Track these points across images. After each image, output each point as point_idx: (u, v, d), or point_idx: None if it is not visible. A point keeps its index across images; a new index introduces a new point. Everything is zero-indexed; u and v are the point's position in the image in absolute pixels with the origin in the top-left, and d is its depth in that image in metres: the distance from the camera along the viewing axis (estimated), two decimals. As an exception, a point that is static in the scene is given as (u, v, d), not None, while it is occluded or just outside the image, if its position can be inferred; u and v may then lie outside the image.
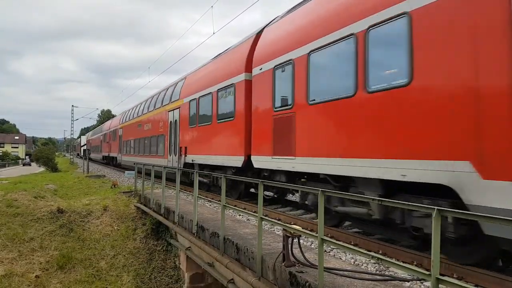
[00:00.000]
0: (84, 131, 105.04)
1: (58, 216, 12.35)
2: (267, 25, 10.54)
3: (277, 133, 8.64)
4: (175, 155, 15.89)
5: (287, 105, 8.35)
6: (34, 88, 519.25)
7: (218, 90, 12.17)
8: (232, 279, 6.60)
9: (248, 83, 10.29)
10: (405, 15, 5.40)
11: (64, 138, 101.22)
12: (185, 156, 14.71)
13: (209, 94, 12.88)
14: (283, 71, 8.57)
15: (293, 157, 7.96)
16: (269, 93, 9.08)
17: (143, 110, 22.91)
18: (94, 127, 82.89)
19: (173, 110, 16.78)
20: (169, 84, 19.93)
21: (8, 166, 75.66)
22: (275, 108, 8.78)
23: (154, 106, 20.25)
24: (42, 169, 48.02)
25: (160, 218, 11.00)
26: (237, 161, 10.62)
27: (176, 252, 10.55)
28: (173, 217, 9.83)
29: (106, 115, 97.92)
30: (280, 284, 4.93)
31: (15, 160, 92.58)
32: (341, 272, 4.60)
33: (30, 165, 73.89)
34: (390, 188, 5.89)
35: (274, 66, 8.90)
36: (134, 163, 18.10)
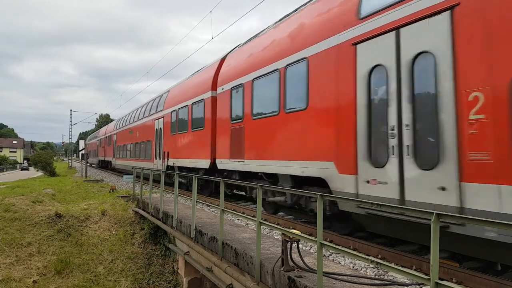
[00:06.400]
0: (83, 136, 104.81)
1: (56, 221, 12.29)
2: (229, 52, 13.11)
3: (233, 141, 10.95)
4: (160, 159, 18.30)
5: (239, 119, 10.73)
6: (33, 92, 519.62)
7: (193, 104, 14.52)
8: (230, 284, 6.57)
9: (214, 99, 12.84)
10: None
11: (63, 142, 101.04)
12: (167, 160, 17.17)
13: (185, 106, 15.25)
14: (237, 92, 10.91)
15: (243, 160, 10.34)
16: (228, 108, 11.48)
17: (133, 118, 25.84)
18: (92, 131, 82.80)
19: (158, 119, 19.28)
20: (154, 96, 22.67)
21: (6, 171, 75.37)
22: (232, 121, 11.08)
23: (143, 115, 22.75)
24: (40, 173, 47.87)
25: (158, 223, 10.96)
26: (205, 163, 12.90)
27: (175, 257, 10.51)
28: (172, 222, 9.80)
29: (104, 120, 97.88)
30: (279, 289, 4.90)
31: (13, 165, 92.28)
32: (340, 277, 4.59)
33: (28, 169, 73.75)
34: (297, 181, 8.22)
35: (231, 87, 11.29)
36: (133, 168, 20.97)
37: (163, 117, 18.13)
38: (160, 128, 18.34)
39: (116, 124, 33.37)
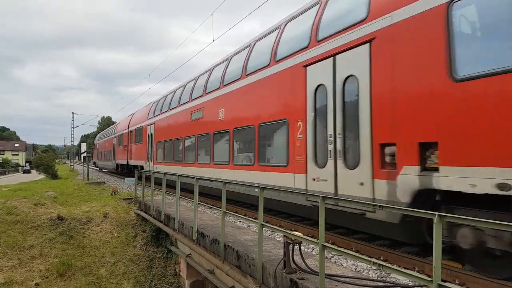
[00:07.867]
0: (85, 138, 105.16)
1: (58, 223, 12.30)
2: None
3: None
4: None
5: None
6: (35, 95, 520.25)
7: None
8: (232, 286, 6.56)
9: None
10: None
11: (64, 145, 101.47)
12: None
13: None
14: None
15: None
16: None
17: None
18: (94, 134, 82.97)
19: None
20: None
21: (8, 174, 75.54)
22: None
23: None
24: (42, 176, 47.94)
25: (160, 225, 10.96)
26: None
27: (176, 259, 10.51)
28: (173, 224, 9.80)
29: (106, 122, 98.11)
30: (281, 291, 4.89)
31: (15, 168, 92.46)
32: (342, 279, 4.58)
33: (30, 172, 73.66)
34: None
35: None
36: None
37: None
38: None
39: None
